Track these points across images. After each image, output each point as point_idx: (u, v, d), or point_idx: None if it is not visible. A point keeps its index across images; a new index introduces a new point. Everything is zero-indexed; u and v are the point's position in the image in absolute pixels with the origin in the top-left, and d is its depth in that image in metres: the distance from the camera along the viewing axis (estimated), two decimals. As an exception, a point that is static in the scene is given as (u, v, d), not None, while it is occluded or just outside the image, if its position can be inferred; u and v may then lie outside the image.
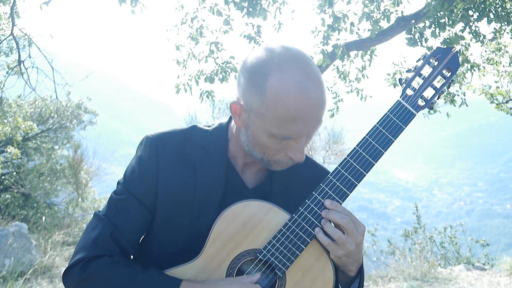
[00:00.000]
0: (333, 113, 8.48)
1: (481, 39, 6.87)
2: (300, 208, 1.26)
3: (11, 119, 10.22)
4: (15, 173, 10.39)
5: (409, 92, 1.29)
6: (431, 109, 1.32)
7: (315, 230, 1.25)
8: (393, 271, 6.69)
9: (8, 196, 9.48)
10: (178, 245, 1.33)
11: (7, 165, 10.51)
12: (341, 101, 8.55)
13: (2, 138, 9.79)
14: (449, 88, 1.31)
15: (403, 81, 1.31)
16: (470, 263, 8.26)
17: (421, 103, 1.29)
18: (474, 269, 7.17)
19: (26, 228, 5.89)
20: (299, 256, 1.26)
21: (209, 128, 1.41)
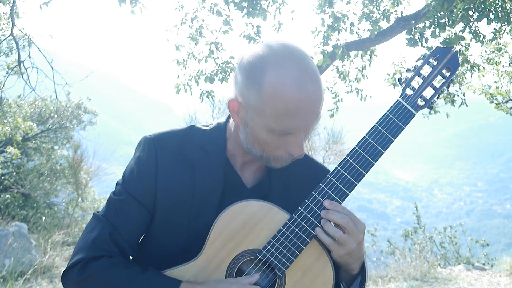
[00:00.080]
0: (333, 113, 8.49)
1: (481, 39, 6.86)
2: (299, 208, 1.26)
3: (11, 119, 10.22)
4: (15, 173, 10.39)
5: (409, 91, 1.28)
6: (431, 108, 1.32)
7: (316, 230, 1.25)
8: (393, 271, 6.69)
9: (8, 196, 9.48)
10: (177, 245, 1.33)
11: (7, 165, 10.50)
12: (341, 101, 8.55)
13: (2, 138, 9.79)
14: (449, 87, 1.31)
15: (402, 80, 1.31)
16: (470, 263, 8.26)
17: (421, 102, 1.28)
18: (474, 269, 7.17)
19: (26, 228, 5.89)
20: (299, 256, 1.26)
21: (207, 128, 1.41)
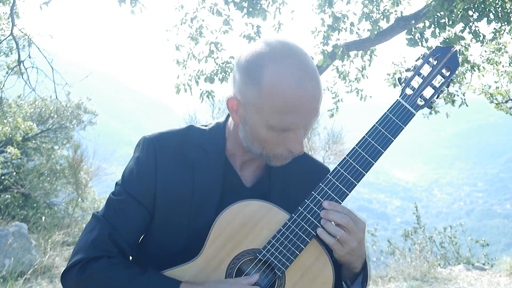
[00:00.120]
0: (332, 113, 8.48)
1: (481, 39, 6.86)
2: (299, 208, 1.26)
3: (11, 119, 10.22)
4: (15, 173, 10.39)
5: (409, 91, 1.28)
6: (431, 108, 1.32)
7: (317, 230, 1.25)
8: (393, 271, 6.68)
9: (8, 196, 9.48)
10: (177, 245, 1.33)
11: (7, 165, 10.51)
12: (341, 101, 8.55)
13: (2, 138, 9.79)
14: (448, 87, 1.31)
15: (402, 80, 1.31)
16: (470, 263, 8.26)
17: (421, 102, 1.28)
18: (474, 269, 7.17)
19: (26, 228, 5.89)
20: (299, 256, 1.26)
21: (206, 127, 1.41)
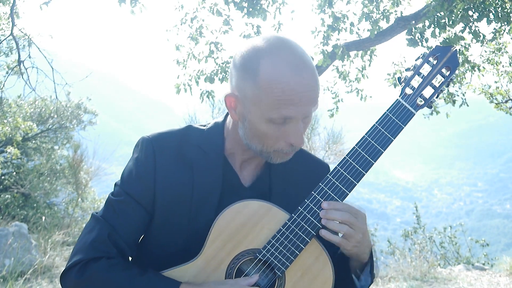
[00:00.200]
0: (333, 113, 8.48)
1: (481, 39, 6.86)
2: (299, 208, 1.26)
3: (11, 119, 10.21)
4: (15, 173, 10.39)
5: (408, 91, 1.28)
6: (430, 108, 1.32)
7: (321, 232, 1.25)
8: (393, 271, 6.68)
9: (8, 196, 9.48)
10: (177, 245, 1.33)
11: (7, 165, 10.50)
12: (341, 101, 8.55)
13: (2, 138, 9.79)
14: (448, 87, 1.31)
15: (402, 80, 1.31)
16: (469, 263, 8.26)
17: (420, 102, 1.29)
18: (473, 269, 7.17)
19: (26, 228, 5.89)
20: (299, 255, 1.26)
21: (205, 127, 1.41)
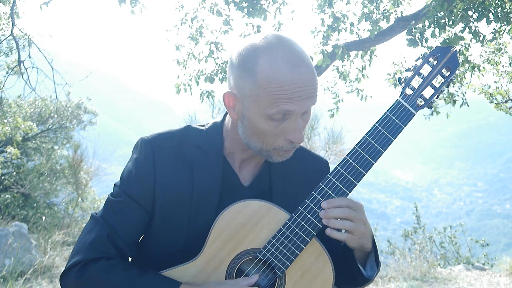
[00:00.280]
0: (333, 113, 8.48)
1: (481, 39, 6.86)
2: (299, 207, 1.26)
3: (11, 119, 10.20)
4: (15, 173, 10.38)
5: (408, 91, 1.29)
6: (430, 108, 1.32)
7: (326, 231, 1.25)
8: (393, 271, 6.68)
9: (8, 196, 9.48)
10: (177, 245, 1.33)
11: (7, 165, 10.50)
12: (341, 101, 8.55)
13: (2, 138, 9.78)
14: (448, 87, 1.31)
15: (402, 80, 1.31)
16: (469, 263, 8.25)
17: (420, 102, 1.29)
18: (473, 269, 7.17)
19: (26, 228, 5.89)
20: (299, 255, 1.27)
21: (204, 127, 1.42)
